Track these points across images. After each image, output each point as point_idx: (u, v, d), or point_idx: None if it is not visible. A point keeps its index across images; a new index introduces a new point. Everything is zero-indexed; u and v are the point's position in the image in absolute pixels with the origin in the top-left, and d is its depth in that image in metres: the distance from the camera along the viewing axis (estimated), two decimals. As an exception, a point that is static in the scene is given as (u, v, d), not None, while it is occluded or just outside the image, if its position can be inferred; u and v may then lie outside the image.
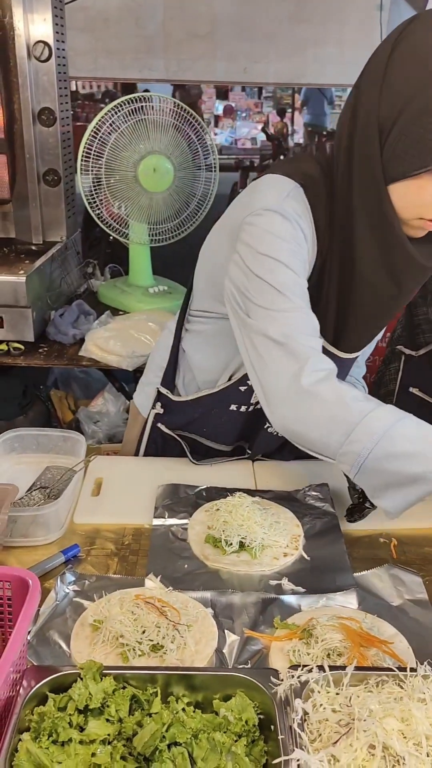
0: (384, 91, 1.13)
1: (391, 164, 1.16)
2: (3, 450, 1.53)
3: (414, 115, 1.10)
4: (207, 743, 0.82)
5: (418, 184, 1.16)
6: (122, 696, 0.87)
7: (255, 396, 1.52)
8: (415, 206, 1.19)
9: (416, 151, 1.12)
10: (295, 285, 1.23)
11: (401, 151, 1.14)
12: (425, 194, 1.16)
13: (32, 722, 0.83)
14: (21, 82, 2.46)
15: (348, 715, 0.84)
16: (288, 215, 1.23)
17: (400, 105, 1.11)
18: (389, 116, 1.13)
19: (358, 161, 1.20)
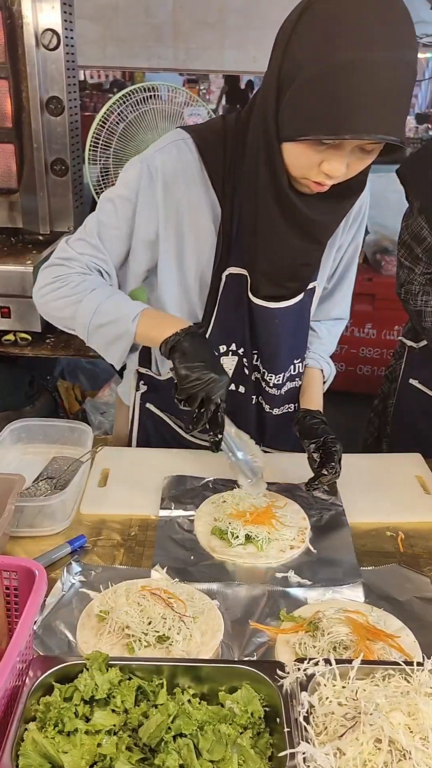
0: (286, 53, 1.13)
1: (282, 125, 1.17)
2: (10, 440, 1.53)
3: (301, 84, 1.10)
4: (212, 735, 0.82)
5: (302, 149, 1.16)
6: (128, 687, 0.87)
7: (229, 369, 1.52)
8: (299, 167, 1.20)
9: (301, 118, 1.12)
10: (104, 226, 1.37)
11: (288, 115, 1.14)
12: (310, 158, 1.16)
13: (38, 712, 0.83)
14: (29, 71, 2.45)
15: (354, 709, 0.84)
16: (143, 170, 1.32)
17: (294, 70, 1.11)
18: (285, 79, 1.14)
19: (258, 116, 1.23)
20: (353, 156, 1.16)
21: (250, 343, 1.47)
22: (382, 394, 2.10)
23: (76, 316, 1.36)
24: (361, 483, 1.49)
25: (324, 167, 1.15)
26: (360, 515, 1.39)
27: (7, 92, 2.49)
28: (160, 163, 1.31)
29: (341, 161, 1.14)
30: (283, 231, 1.30)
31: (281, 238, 1.31)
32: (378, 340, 3.98)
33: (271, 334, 1.46)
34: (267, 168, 1.23)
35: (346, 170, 1.17)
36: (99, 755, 0.80)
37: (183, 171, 1.32)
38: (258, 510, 1.34)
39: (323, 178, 1.18)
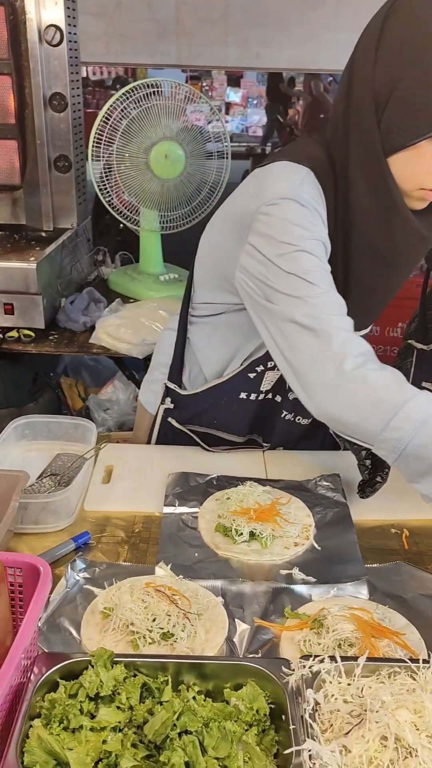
0: (378, 62, 1.12)
1: (389, 135, 1.15)
2: (14, 437, 1.53)
3: (411, 84, 1.09)
4: (218, 732, 0.82)
5: (418, 153, 1.14)
6: (133, 684, 0.86)
7: (264, 383, 1.51)
8: (416, 176, 1.18)
9: (415, 119, 1.10)
10: (318, 270, 1.21)
11: (400, 121, 1.12)
12: (425, 162, 1.15)
13: (43, 709, 0.83)
14: (32, 67, 2.44)
15: (360, 706, 0.84)
16: (305, 202, 1.22)
17: (395, 74, 1.10)
18: (385, 86, 1.12)
19: (356, 135, 1.19)
20: None
21: None
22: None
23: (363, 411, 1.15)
24: (365, 480, 1.49)
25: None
26: (365, 512, 1.39)
27: (10, 88, 2.49)
28: (306, 195, 1.23)
29: None
30: (379, 256, 1.29)
31: (375, 265, 1.30)
32: (381, 338, 3.96)
33: None
34: (373, 188, 1.20)
35: None
36: (104, 752, 0.80)
37: (319, 200, 1.25)
38: (262, 507, 1.34)
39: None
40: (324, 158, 1.27)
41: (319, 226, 1.24)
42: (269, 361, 1.45)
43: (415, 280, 4.03)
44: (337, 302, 1.22)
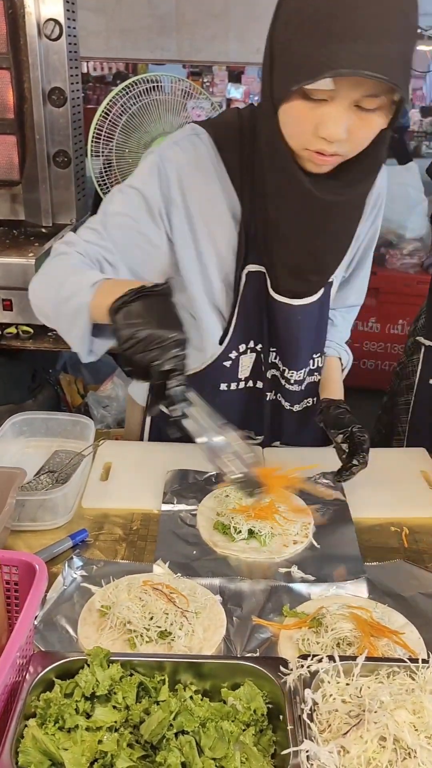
0: (277, 14, 1.10)
1: (275, 90, 1.11)
2: (12, 433, 1.52)
3: (289, 33, 1.04)
4: (215, 732, 0.81)
5: (295, 110, 1.09)
6: (129, 683, 0.86)
7: (242, 370, 1.50)
8: (296, 135, 1.12)
9: (287, 71, 1.05)
10: (112, 216, 1.30)
11: (278, 74, 1.09)
12: (303, 121, 1.09)
13: (38, 708, 0.82)
14: (31, 61, 2.43)
15: (358, 706, 0.83)
16: (156, 163, 1.28)
17: (281, 26, 1.07)
18: (275, 38, 1.10)
19: (261, 93, 1.18)
20: (353, 117, 1.06)
21: (268, 340, 1.45)
22: (391, 390, 2.08)
23: (47, 297, 1.25)
24: (365, 478, 1.47)
25: (320, 131, 1.07)
26: (364, 510, 1.38)
27: (8, 83, 2.48)
28: (174, 157, 1.26)
29: (335, 120, 1.05)
30: (299, 219, 1.24)
31: (299, 228, 1.26)
32: (382, 335, 3.96)
33: (292, 331, 1.43)
34: (269, 144, 1.18)
35: (347, 134, 1.07)
36: (100, 752, 0.79)
37: (199, 166, 1.27)
38: (261, 505, 1.33)
39: (323, 144, 1.09)
40: (236, 121, 1.28)
41: (153, 185, 1.27)
42: (241, 344, 1.45)
43: (416, 277, 4.02)
44: (92, 244, 1.28)
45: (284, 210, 1.25)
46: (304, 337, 1.46)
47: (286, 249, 1.30)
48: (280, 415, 1.58)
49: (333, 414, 1.40)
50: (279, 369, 1.50)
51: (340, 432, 1.36)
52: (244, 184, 1.28)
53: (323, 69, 0.98)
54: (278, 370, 1.50)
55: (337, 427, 1.37)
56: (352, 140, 1.10)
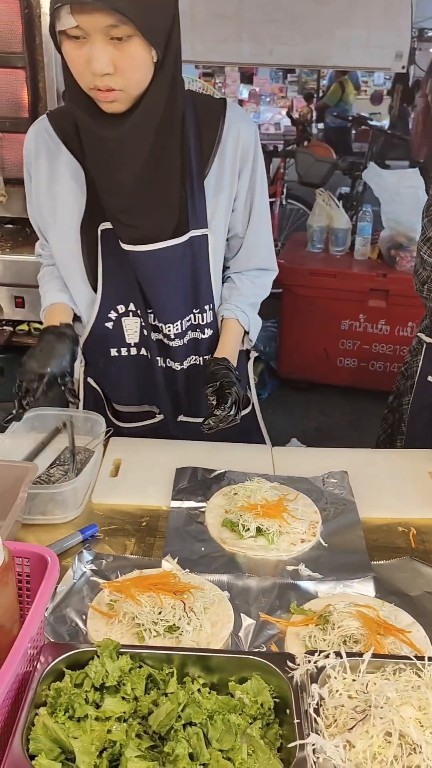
0: None
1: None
2: (24, 429, 1.53)
3: None
4: (222, 724, 0.82)
5: (66, 51, 1.22)
6: (138, 675, 0.87)
7: (128, 335, 1.56)
8: (77, 75, 1.24)
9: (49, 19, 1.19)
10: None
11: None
12: (75, 61, 1.21)
13: (49, 697, 0.83)
14: (46, 61, 2.44)
15: (364, 702, 0.84)
16: (24, 157, 1.49)
17: None
18: None
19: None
20: (112, 49, 1.17)
21: (143, 301, 1.50)
22: (396, 390, 2.08)
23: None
24: (373, 478, 1.49)
25: (89, 67, 1.19)
26: (372, 510, 1.39)
27: (24, 82, 2.49)
28: (25, 151, 1.48)
29: (95, 55, 1.17)
30: (97, 161, 1.36)
31: (100, 170, 1.37)
32: (391, 337, 3.95)
33: (153, 281, 1.47)
34: (71, 95, 1.30)
35: (113, 68, 1.18)
36: (109, 741, 0.80)
37: (44, 149, 1.44)
38: (269, 503, 1.34)
39: (96, 79, 1.20)
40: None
41: (26, 172, 1.50)
42: (118, 305, 1.52)
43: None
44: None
45: (89, 155, 1.38)
46: (169, 286, 1.49)
47: (104, 194, 1.40)
48: (174, 381, 1.62)
49: (210, 369, 1.44)
50: (159, 330, 1.54)
51: (210, 385, 1.40)
52: (81, 150, 1.41)
53: (54, 4, 1.14)
54: (160, 333, 1.54)
55: (209, 381, 1.41)
56: (120, 73, 1.20)
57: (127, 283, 1.48)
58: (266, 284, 1.67)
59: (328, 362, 4.07)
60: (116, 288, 1.50)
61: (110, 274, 1.48)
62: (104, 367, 1.63)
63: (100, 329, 1.55)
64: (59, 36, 1.20)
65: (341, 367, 4.08)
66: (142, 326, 1.54)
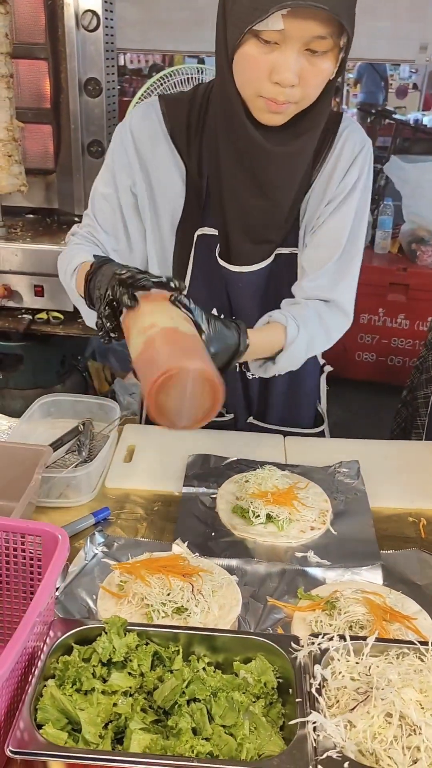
0: None
1: (228, 38, 1.13)
2: (39, 414, 1.56)
3: None
4: (225, 702, 0.84)
5: (248, 55, 1.11)
6: (145, 652, 0.89)
7: None
8: (250, 81, 1.15)
9: (237, 17, 1.08)
10: (95, 199, 1.44)
11: (230, 21, 1.11)
12: (256, 67, 1.12)
13: (57, 670, 0.86)
14: (68, 52, 2.47)
15: (366, 684, 0.85)
16: (119, 134, 1.39)
17: None
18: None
19: (216, 44, 1.19)
20: (303, 61, 1.11)
21: (229, 310, 1.47)
22: (411, 384, 2.08)
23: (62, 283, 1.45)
24: (385, 469, 1.49)
25: (273, 76, 1.11)
26: (383, 500, 1.39)
27: (46, 73, 2.52)
28: (129, 125, 1.38)
29: (288, 63, 1.09)
30: (247, 172, 1.28)
31: (247, 181, 1.29)
32: (411, 331, 3.94)
33: (241, 298, 1.46)
34: (224, 98, 1.21)
35: (298, 80, 1.12)
36: (114, 714, 0.82)
37: (149, 131, 1.36)
38: (280, 491, 1.35)
39: (276, 92, 1.13)
40: (189, 93, 1.37)
41: (117, 157, 1.39)
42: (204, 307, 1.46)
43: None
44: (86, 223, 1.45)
45: (234, 163, 1.28)
46: (254, 305, 1.45)
47: (237, 205, 1.33)
48: (248, 387, 1.61)
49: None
50: None
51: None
52: (190, 148, 1.35)
53: (271, 4, 1.03)
54: None
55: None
56: (303, 86, 1.14)
57: (215, 289, 1.45)
58: (332, 325, 1.42)
59: (346, 356, 4.06)
60: (204, 293, 1.43)
61: (199, 278, 1.43)
62: None
63: None
64: (246, 34, 1.09)
65: (359, 361, 4.07)
66: None
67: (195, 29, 3.76)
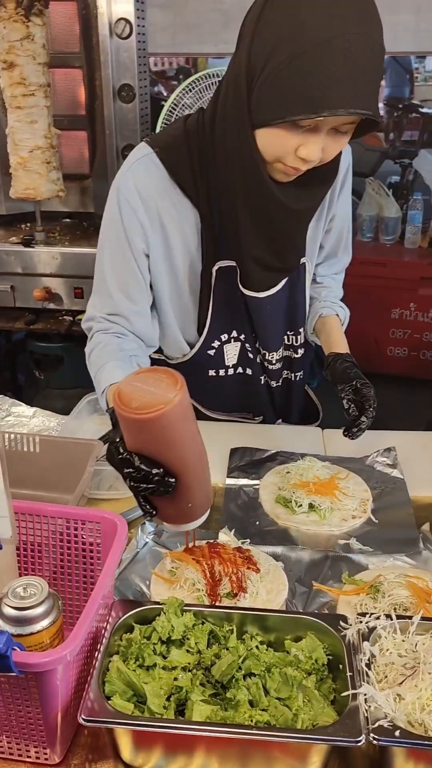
0: (255, 40, 1.14)
1: (256, 111, 1.17)
2: (87, 410, 1.62)
3: (276, 66, 1.10)
4: (279, 676, 0.89)
5: (278, 134, 1.16)
6: (201, 630, 0.94)
7: (228, 358, 1.59)
8: (276, 152, 1.20)
9: (276, 101, 1.12)
10: (106, 276, 1.46)
11: (264, 99, 1.15)
12: (286, 143, 1.17)
13: (120, 647, 0.91)
14: (102, 60, 2.54)
15: (413, 660, 0.89)
16: (118, 198, 1.37)
17: (266, 53, 1.12)
18: (257, 64, 1.14)
19: (230, 107, 1.23)
20: (328, 138, 1.17)
21: (249, 329, 1.54)
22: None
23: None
24: (423, 458, 1.52)
25: (300, 152, 1.17)
26: (421, 489, 1.43)
27: (81, 81, 2.60)
28: (131, 184, 1.35)
29: (317, 145, 1.16)
30: (264, 221, 1.33)
31: (263, 228, 1.34)
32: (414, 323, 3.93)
33: (264, 320, 1.52)
34: (240, 158, 1.25)
35: (322, 154, 1.19)
36: (175, 688, 0.88)
37: (154, 185, 1.35)
38: (321, 481, 1.40)
39: (299, 163, 1.20)
40: (182, 136, 1.35)
41: (127, 221, 1.37)
42: (222, 335, 1.54)
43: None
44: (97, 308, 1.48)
45: (250, 212, 1.32)
46: (276, 323, 1.56)
47: (253, 245, 1.38)
48: (271, 394, 1.68)
49: (340, 368, 1.45)
50: (261, 353, 1.59)
51: (347, 385, 1.39)
52: (200, 191, 1.37)
53: (321, 109, 1.08)
54: (261, 355, 1.60)
55: (344, 381, 1.41)
56: (324, 157, 1.21)
57: (236, 315, 1.51)
58: (342, 278, 1.76)
59: (378, 351, 4.07)
60: (224, 320, 1.52)
61: (220, 309, 1.50)
62: (199, 382, 1.58)
63: (202, 356, 1.57)
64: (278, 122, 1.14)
65: (391, 356, 4.07)
66: (247, 350, 1.58)
67: (222, 31, 3.81)
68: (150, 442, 0.97)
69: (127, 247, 1.39)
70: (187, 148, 1.35)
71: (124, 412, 0.92)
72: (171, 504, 1.03)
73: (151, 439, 0.96)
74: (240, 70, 1.18)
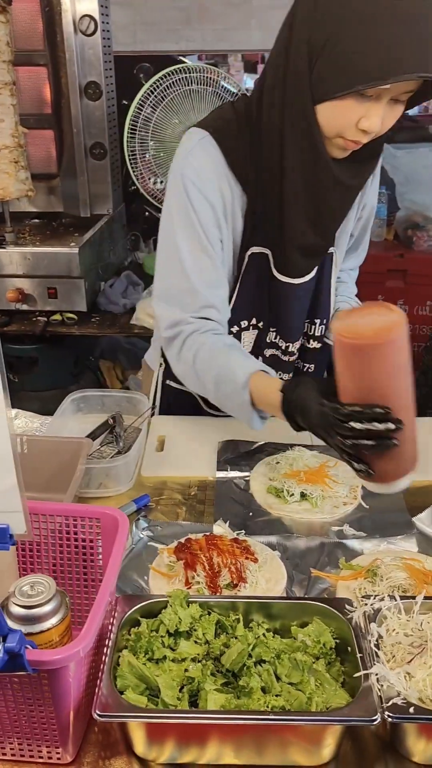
0: (317, 11, 1.15)
1: (318, 84, 1.18)
2: (71, 410, 1.61)
3: (343, 39, 1.12)
4: (289, 662, 0.89)
5: (343, 105, 1.18)
6: (208, 621, 0.94)
7: (244, 346, 1.58)
8: (338, 125, 1.22)
9: (343, 74, 1.14)
10: (190, 269, 1.38)
11: (329, 73, 1.16)
12: (348, 115, 1.18)
13: (129, 641, 0.91)
14: (68, 57, 2.51)
15: (420, 638, 0.90)
16: (184, 185, 1.34)
17: (330, 27, 1.13)
18: (320, 37, 1.15)
19: (290, 78, 1.23)
20: (387, 108, 1.18)
21: (268, 319, 1.53)
22: (423, 366, 2.13)
23: (206, 391, 1.43)
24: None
25: (362, 124, 1.18)
26: (409, 474, 1.44)
27: (46, 79, 2.57)
28: (196, 165, 1.35)
29: (378, 116, 1.17)
30: (316, 198, 1.33)
31: (314, 206, 1.35)
32: (410, 316, 3.95)
33: (291, 306, 1.51)
34: (298, 136, 1.25)
35: (381, 125, 1.19)
36: (187, 679, 0.87)
37: (213, 168, 1.35)
38: (311, 470, 1.41)
39: (360, 135, 1.21)
40: (233, 118, 1.35)
41: (200, 207, 1.34)
42: (242, 320, 1.53)
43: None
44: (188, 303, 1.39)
45: (298, 192, 1.32)
46: (301, 310, 1.55)
47: (299, 223, 1.37)
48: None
49: None
50: (278, 347, 1.58)
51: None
52: (248, 175, 1.36)
53: (389, 75, 1.08)
54: (277, 349, 1.59)
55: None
56: (382, 128, 1.21)
57: (259, 302, 1.50)
58: (356, 275, 1.77)
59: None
60: (248, 305, 1.50)
61: (246, 293, 1.49)
62: None
63: None
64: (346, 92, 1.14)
65: (361, 348, 4.12)
66: (259, 341, 1.57)
67: (182, 29, 3.81)
68: (382, 374, 0.96)
69: (201, 233, 1.36)
70: (238, 130, 1.35)
71: (365, 341, 0.91)
72: (388, 457, 1.02)
73: (384, 368, 0.96)
74: (301, 40, 1.18)
